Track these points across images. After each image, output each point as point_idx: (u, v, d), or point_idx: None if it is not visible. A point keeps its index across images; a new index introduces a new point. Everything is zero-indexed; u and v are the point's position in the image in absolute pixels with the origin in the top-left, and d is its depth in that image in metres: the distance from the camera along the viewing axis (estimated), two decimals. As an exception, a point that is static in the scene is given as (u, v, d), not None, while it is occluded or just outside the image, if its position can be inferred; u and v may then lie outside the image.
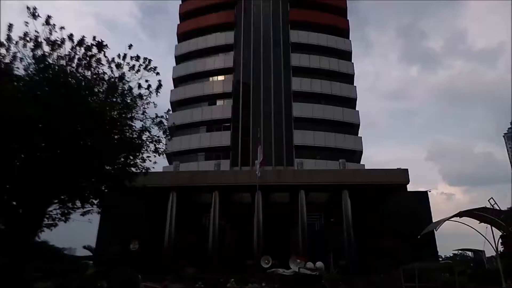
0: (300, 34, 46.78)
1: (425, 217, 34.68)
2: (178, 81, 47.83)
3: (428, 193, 37.26)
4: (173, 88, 47.87)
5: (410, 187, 33.01)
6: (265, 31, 47.93)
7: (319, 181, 28.85)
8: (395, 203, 34.47)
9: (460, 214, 22.49)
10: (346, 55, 48.08)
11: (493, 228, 20.50)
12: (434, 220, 33.58)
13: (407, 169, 28.59)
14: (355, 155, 42.70)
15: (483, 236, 21.02)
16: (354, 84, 46.97)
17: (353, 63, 47.92)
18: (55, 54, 11.24)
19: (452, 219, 23.18)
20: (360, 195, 29.98)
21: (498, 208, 19.85)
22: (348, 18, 50.62)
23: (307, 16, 47.84)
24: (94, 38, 11.83)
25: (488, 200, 20.45)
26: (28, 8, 10.69)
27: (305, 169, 32.64)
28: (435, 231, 29.30)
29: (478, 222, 22.28)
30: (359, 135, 44.21)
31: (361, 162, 43.46)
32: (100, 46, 11.79)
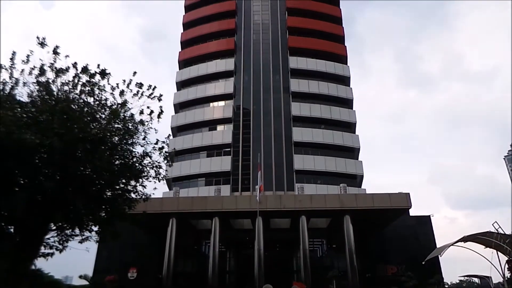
0: (299, 60, 47.68)
1: (428, 242, 34.23)
2: (179, 106, 48.30)
3: (431, 217, 36.91)
4: (173, 113, 48.31)
5: (412, 211, 32.72)
6: (265, 58, 48.89)
7: (320, 206, 28.55)
8: (397, 228, 34.06)
9: (465, 239, 22.13)
10: (344, 80, 48.79)
11: (499, 253, 20.15)
12: (438, 245, 33.13)
13: (408, 193, 28.31)
14: (356, 179, 42.51)
15: (489, 261, 20.63)
16: (353, 109, 47.39)
17: (351, 88, 48.56)
18: (59, 81, 11.41)
19: (456, 244, 22.77)
20: (362, 220, 29.59)
21: (503, 232, 19.56)
22: (346, 44, 51.71)
23: (305, 43, 48.93)
24: (98, 66, 12.05)
25: (492, 224, 20.22)
26: (37, 38, 10.98)
27: (306, 194, 32.40)
28: (439, 257, 28.81)
29: (484, 247, 21.89)
30: (359, 159, 44.17)
31: (362, 186, 43.20)
32: (104, 73, 11.98)
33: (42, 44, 11.02)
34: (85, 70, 11.75)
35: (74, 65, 11.65)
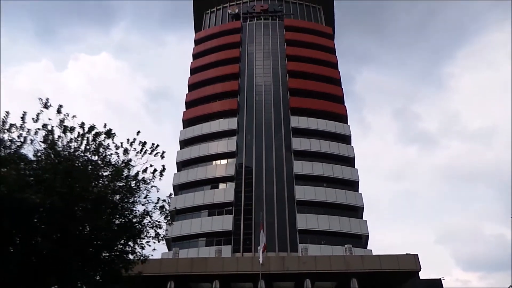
0: (300, 119, 48.81)
1: (442, 309, 32.11)
2: (182, 165, 48.53)
3: (442, 280, 35.04)
4: (175, 171, 48.37)
5: (422, 274, 31.17)
6: (267, 117, 50.15)
7: (325, 268, 27.38)
8: (408, 293, 32.19)
9: (480, 306, 20.82)
10: (345, 139, 49.44)
11: (518, 321, 18.88)
12: (452, 313, 31.02)
13: (417, 255, 27.29)
14: (361, 239, 41.18)
15: (509, 331, 19.24)
16: (355, 167, 47.43)
17: (352, 146, 49.00)
18: (65, 140, 11.65)
19: (471, 311, 21.40)
20: (369, 284, 28.16)
21: (519, 298, 18.51)
22: (345, 104, 53.28)
23: (306, 103, 50.48)
24: (105, 125, 12.37)
25: (508, 289, 19.18)
26: (40, 99, 11.39)
27: (310, 255, 31.26)
28: (455, 326, 26.88)
29: (501, 314, 20.56)
30: (364, 218, 43.18)
31: (368, 247, 41.72)
32: (109, 134, 12.26)
33: (46, 105, 11.41)
34: (91, 129, 12.05)
35: (82, 125, 11.98)
